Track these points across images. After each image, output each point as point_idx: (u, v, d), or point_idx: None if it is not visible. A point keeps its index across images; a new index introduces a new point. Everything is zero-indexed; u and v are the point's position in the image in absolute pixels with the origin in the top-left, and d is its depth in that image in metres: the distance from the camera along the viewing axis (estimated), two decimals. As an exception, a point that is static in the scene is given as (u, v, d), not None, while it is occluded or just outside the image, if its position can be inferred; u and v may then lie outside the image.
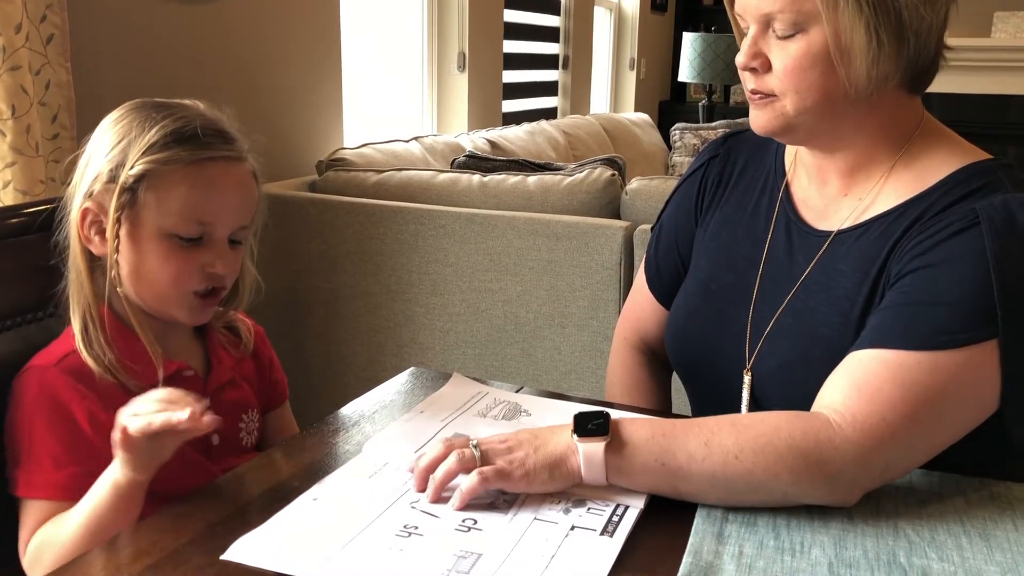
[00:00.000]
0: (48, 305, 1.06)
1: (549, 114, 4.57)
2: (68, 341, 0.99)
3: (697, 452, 0.84)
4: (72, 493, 0.94)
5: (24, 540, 0.94)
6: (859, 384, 0.87)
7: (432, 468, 0.86)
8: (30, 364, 0.98)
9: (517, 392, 1.12)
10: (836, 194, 1.03)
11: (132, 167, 0.96)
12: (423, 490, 0.86)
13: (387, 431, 1.00)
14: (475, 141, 3.18)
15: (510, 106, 4.13)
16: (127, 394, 0.98)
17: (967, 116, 4.98)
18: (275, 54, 2.54)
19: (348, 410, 1.07)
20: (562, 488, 0.86)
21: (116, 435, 0.86)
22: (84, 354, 0.97)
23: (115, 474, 0.89)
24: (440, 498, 0.85)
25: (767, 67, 0.95)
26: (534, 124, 3.76)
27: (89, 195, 0.99)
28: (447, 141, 3.05)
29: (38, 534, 0.93)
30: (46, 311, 1.07)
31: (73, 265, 1.01)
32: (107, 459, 0.92)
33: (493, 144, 3.22)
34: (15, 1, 1.53)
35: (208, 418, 0.83)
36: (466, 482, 0.84)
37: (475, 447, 0.86)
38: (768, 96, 0.96)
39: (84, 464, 0.95)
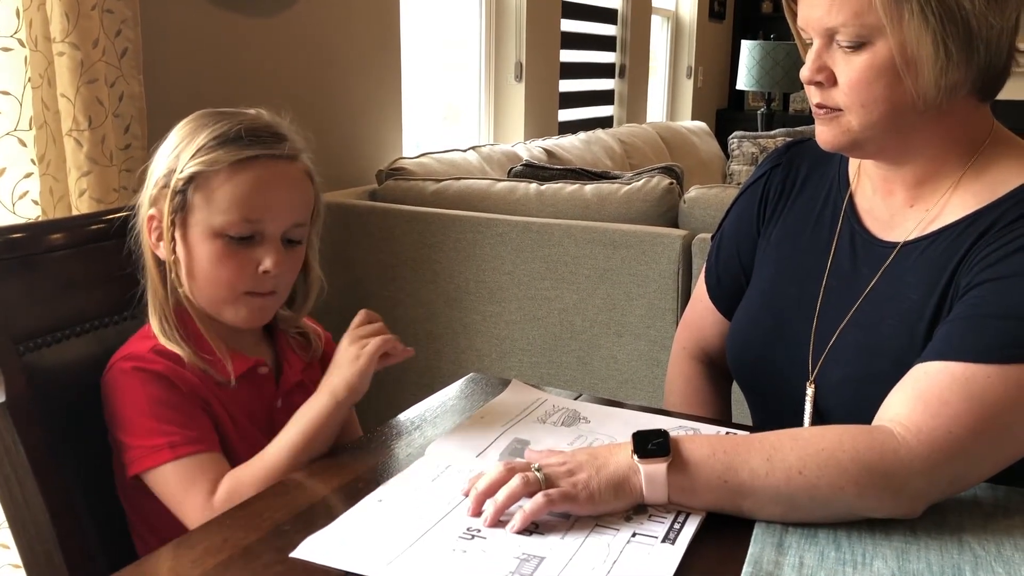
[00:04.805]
0: (124, 309, 1.10)
1: (605, 123, 4.57)
2: (147, 339, 1.03)
3: (759, 468, 0.83)
4: (213, 444, 0.99)
5: (202, 495, 0.95)
6: (925, 396, 0.86)
7: (492, 491, 0.83)
8: (118, 356, 1.02)
9: (576, 399, 1.13)
10: (902, 205, 1.02)
11: (181, 171, 1.00)
12: (478, 514, 0.83)
13: (449, 435, 1.01)
14: (531, 150, 3.20)
15: (566, 115, 4.15)
16: (211, 382, 1.02)
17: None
18: (338, 66, 2.59)
19: (409, 414, 1.09)
20: (625, 508, 0.85)
21: (358, 354, 0.99)
22: (168, 344, 1.01)
23: (333, 389, 0.99)
24: (497, 522, 0.82)
25: (832, 81, 0.94)
26: (590, 133, 3.76)
27: (152, 202, 1.03)
28: (504, 150, 3.07)
29: (225, 482, 0.96)
30: (122, 315, 1.11)
31: (147, 268, 1.05)
32: (211, 428, 1.00)
33: (549, 153, 3.24)
34: (93, 18, 1.59)
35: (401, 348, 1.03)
36: (530, 504, 0.81)
37: (537, 470, 0.84)
38: (834, 111, 0.95)
39: (204, 419, 1.00)
